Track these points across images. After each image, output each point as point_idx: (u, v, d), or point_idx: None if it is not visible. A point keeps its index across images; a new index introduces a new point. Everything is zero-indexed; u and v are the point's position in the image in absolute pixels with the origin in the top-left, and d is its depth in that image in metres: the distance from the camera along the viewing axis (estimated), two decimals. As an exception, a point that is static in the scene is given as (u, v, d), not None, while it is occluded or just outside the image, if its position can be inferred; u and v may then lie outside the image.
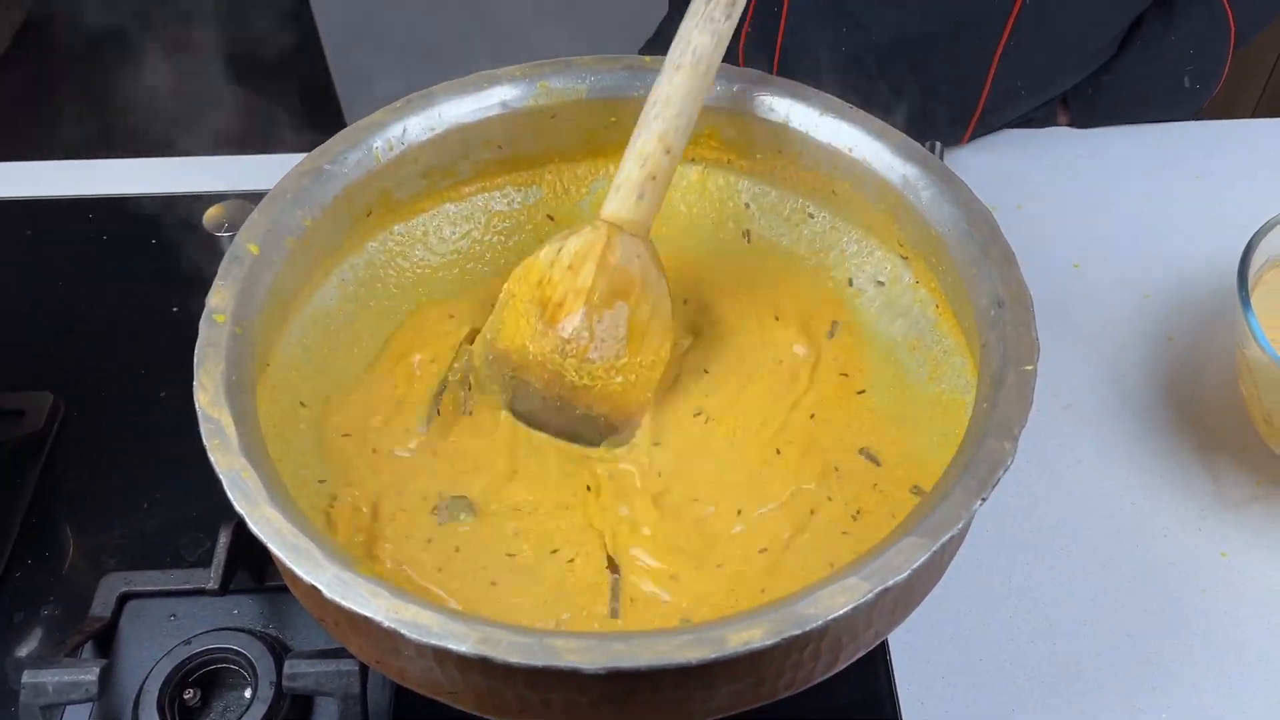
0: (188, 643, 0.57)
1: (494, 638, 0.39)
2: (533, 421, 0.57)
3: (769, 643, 0.39)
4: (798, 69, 0.83)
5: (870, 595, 0.40)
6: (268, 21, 1.14)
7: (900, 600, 0.46)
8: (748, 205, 0.64)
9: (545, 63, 0.62)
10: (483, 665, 0.41)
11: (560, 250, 0.55)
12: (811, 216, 0.63)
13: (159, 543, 0.64)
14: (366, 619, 0.40)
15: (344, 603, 0.40)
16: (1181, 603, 0.61)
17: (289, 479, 0.47)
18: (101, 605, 0.60)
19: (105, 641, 0.59)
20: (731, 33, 0.55)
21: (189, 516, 0.65)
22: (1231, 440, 0.68)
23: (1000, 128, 0.86)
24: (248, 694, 0.56)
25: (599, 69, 0.62)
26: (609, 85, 0.62)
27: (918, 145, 0.57)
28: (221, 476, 0.44)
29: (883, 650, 0.59)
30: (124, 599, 0.60)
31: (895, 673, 0.58)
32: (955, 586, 0.61)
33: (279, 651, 0.56)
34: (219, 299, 0.51)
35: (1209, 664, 0.59)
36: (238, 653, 0.56)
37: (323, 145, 0.57)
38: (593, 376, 0.55)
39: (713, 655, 0.39)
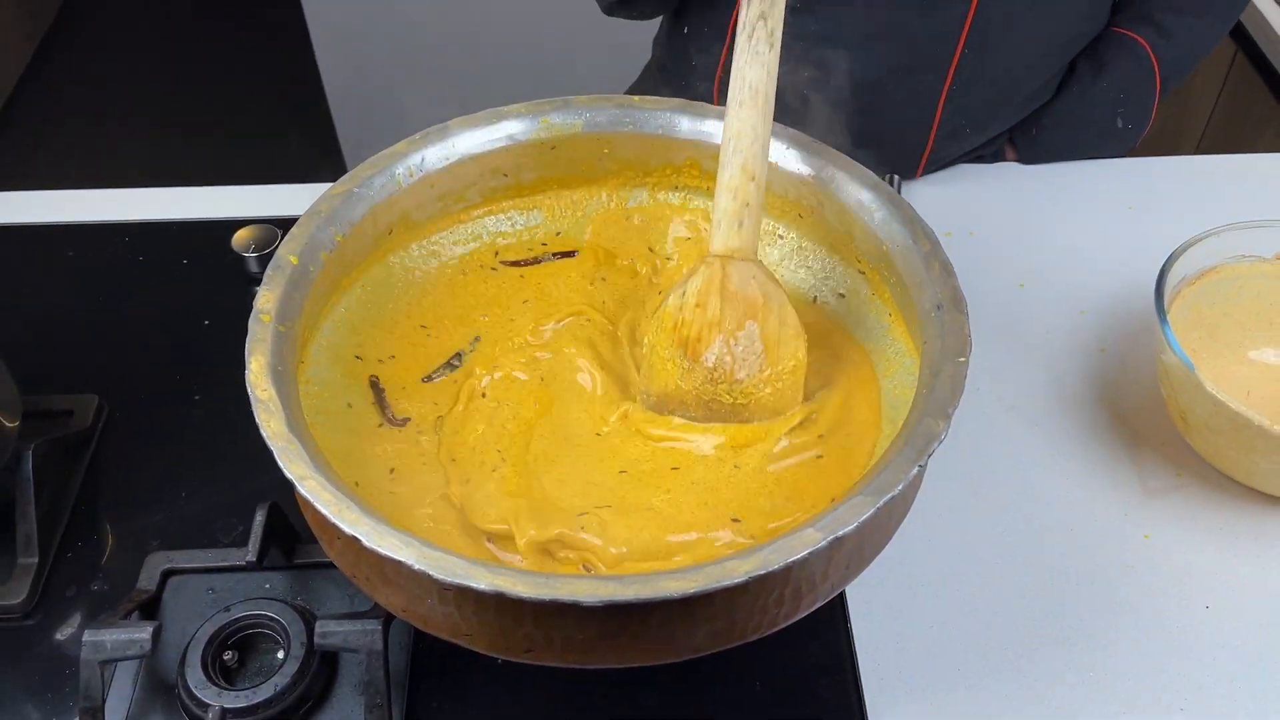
0: (227, 610, 0.64)
1: (508, 577, 0.47)
2: None
3: (740, 579, 0.46)
4: None
5: (824, 543, 0.48)
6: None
7: (853, 554, 0.54)
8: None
9: (545, 101, 0.70)
10: (497, 603, 0.48)
11: (684, 293, 0.62)
12: (780, 237, 0.71)
13: (196, 526, 0.71)
14: (398, 563, 0.47)
15: (380, 549, 0.48)
16: (1109, 577, 0.69)
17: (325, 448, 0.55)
18: (147, 580, 0.67)
19: (150, 612, 0.66)
20: (777, 61, 0.60)
21: (222, 503, 0.72)
22: (1155, 438, 0.76)
23: (952, 163, 0.95)
24: (280, 655, 0.63)
25: (593, 106, 0.70)
26: (602, 121, 0.70)
27: (871, 173, 0.66)
28: (273, 447, 0.51)
29: (843, 612, 0.66)
30: (166, 575, 0.67)
31: (855, 635, 0.66)
32: (909, 565, 0.69)
33: (308, 617, 0.63)
34: (265, 301, 0.58)
35: (1131, 628, 0.66)
36: (271, 618, 0.63)
37: (351, 171, 0.65)
38: (745, 394, 0.62)
39: (694, 589, 0.46)
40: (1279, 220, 0.75)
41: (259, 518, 0.65)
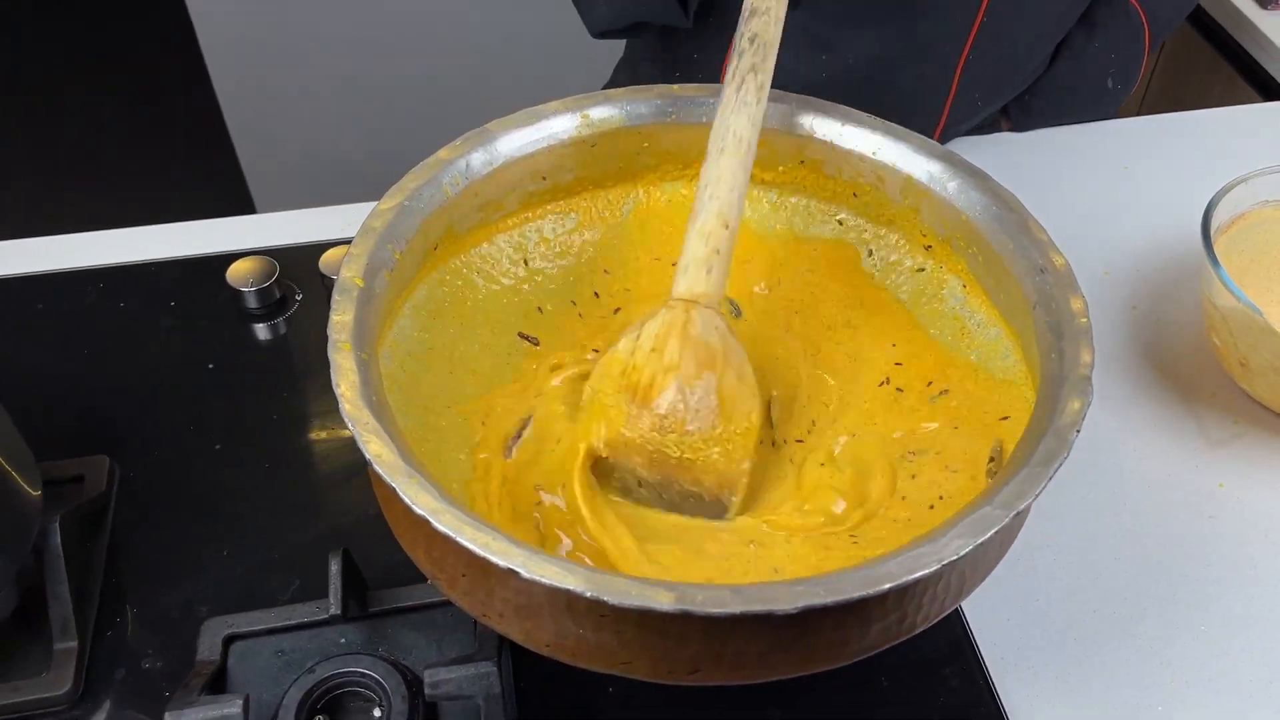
0: (311, 670, 0.58)
1: (692, 593, 0.43)
2: (645, 504, 0.59)
3: (933, 569, 0.44)
4: None
5: (1007, 520, 0.46)
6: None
7: (1007, 534, 0.52)
8: (774, 211, 0.70)
9: (585, 96, 0.67)
10: (666, 622, 0.45)
11: (639, 337, 0.58)
12: (840, 222, 0.69)
13: (245, 587, 0.65)
14: (561, 592, 0.43)
15: (543, 579, 0.43)
16: (1196, 531, 0.69)
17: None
18: (208, 650, 0.60)
19: (218, 685, 0.60)
20: (763, 113, 0.60)
21: (271, 558, 0.66)
22: (1205, 388, 0.77)
23: (955, 136, 0.95)
24: (377, 713, 0.58)
25: (633, 99, 0.67)
26: (644, 113, 0.67)
27: (936, 144, 0.64)
28: (393, 484, 0.46)
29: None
30: (229, 641, 0.61)
31: (968, 619, 0.64)
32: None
33: (403, 669, 0.58)
34: (340, 330, 0.53)
35: (1230, 578, 0.66)
36: (363, 674, 0.58)
37: (398, 183, 0.60)
38: (694, 449, 0.57)
39: (889, 585, 0.43)
40: (1302, 164, 0.76)
41: (334, 567, 0.60)
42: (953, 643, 0.63)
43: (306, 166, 1.89)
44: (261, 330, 0.80)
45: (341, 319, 0.54)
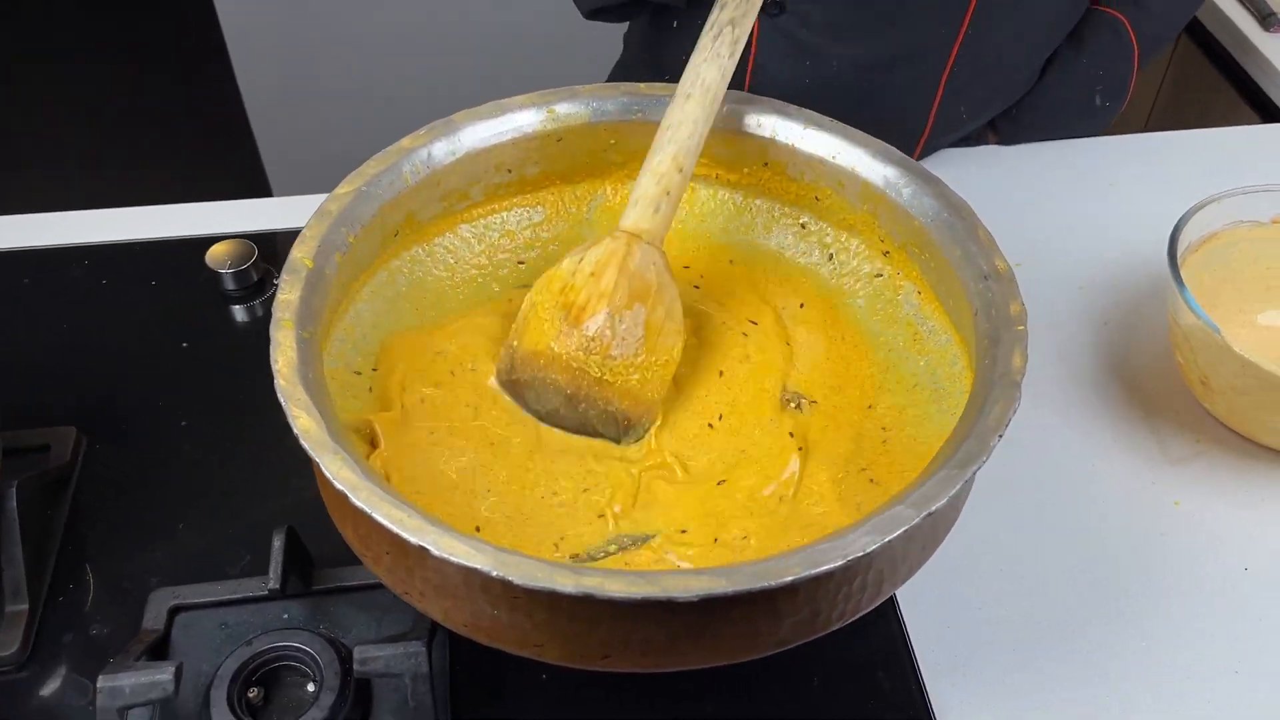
0: (248, 643, 0.59)
1: (596, 578, 0.44)
2: (552, 420, 0.62)
3: (837, 564, 0.44)
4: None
5: (918, 520, 0.46)
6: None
7: (929, 533, 0.53)
8: (738, 213, 0.71)
9: (552, 91, 0.67)
10: (575, 607, 0.45)
11: (581, 260, 0.60)
12: (803, 226, 0.70)
13: (197, 560, 0.66)
14: (471, 571, 0.44)
15: (453, 558, 0.44)
16: (1147, 546, 0.68)
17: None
18: (153, 619, 0.62)
19: (160, 653, 0.61)
20: (734, 68, 0.61)
21: (223, 533, 0.68)
22: (1169, 406, 0.76)
23: (941, 148, 0.95)
24: (310, 687, 0.59)
25: (601, 95, 0.68)
26: (610, 110, 0.68)
27: (894, 149, 0.65)
28: (318, 459, 0.47)
29: (893, 602, 0.65)
30: (174, 612, 0.62)
31: (905, 623, 0.64)
32: (945, 550, 0.67)
33: (339, 645, 0.59)
34: (284, 308, 0.54)
35: (1176, 595, 0.66)
36: (298, 649, 0.59)
37: (359, 169, 0.62)
38: (614, 372, 0.60)
39: (790, 578, 0.44)
40: (1273, 185, 0.76)
41: (277, 543, 0.61)
42: (889, 644, 0.63)
43: (325, 157, 1.92)
44: (239, 312, 0.81)
45: (287, 298, 0.55)
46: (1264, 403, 0.67)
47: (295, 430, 0.48)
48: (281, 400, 0.49)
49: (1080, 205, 0.91)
